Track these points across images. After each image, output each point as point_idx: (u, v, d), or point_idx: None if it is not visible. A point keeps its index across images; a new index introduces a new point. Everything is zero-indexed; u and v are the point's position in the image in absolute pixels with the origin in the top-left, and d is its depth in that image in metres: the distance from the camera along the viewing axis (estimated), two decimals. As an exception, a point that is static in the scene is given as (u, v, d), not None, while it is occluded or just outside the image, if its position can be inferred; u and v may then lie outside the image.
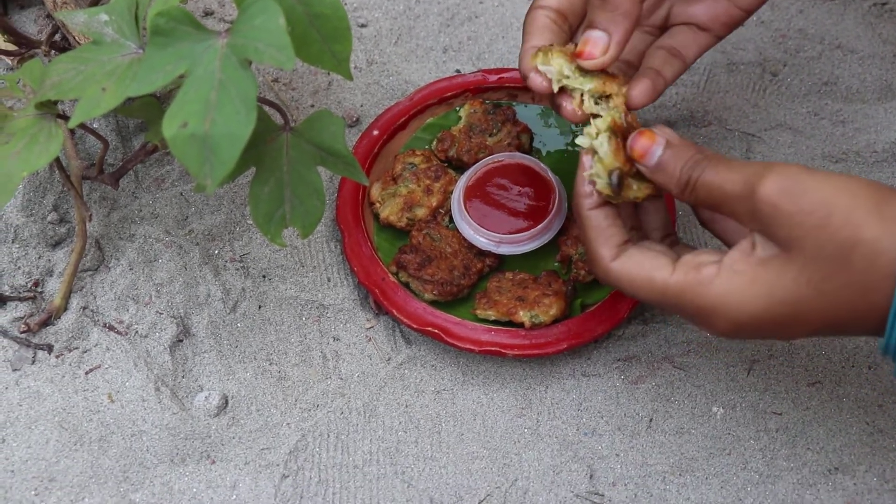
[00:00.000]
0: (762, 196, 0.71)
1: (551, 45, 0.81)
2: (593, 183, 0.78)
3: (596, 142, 0.78)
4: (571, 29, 0.85)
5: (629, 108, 0.81)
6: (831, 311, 0.70)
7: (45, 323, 0.92)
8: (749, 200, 0.71)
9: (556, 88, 0.80)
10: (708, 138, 1.02)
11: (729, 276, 0.72)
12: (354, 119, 1.03)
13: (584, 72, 0.80)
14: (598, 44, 0.80)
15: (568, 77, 0.80)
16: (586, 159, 0.79)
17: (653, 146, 0.77)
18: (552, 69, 0.80)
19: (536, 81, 0.81)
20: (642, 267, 0.76)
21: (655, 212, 0.83)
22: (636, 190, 0.78)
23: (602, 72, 0.81)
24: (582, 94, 0.81)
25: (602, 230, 0.78)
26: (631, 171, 0.78)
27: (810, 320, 0.71)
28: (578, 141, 0.79)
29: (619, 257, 0.77)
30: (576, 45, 0.81)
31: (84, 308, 0.93)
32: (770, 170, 0.71)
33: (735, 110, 1.04)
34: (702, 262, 0.74)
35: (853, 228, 0.69)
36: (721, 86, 1.06)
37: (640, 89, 0.82)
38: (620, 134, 0.78)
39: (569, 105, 0.81)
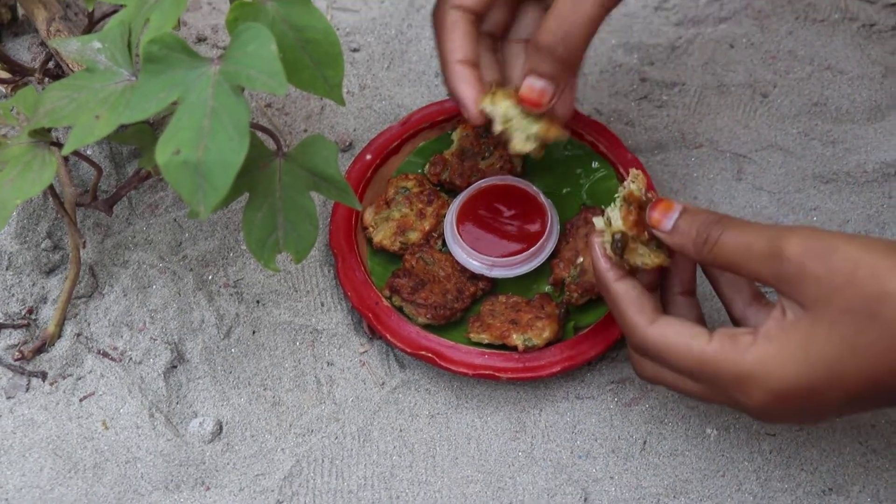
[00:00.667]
0: (789, 255, 0.71)
1: (492, 85, 0.87)
2: (605, 253, 0.81)
3: (612, 211, 0.81)
4: (481, 25, 0.88)
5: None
6: (867, 369, 0.70)
7: (39, 350, 0.92)
8: (774, 259, 0.72)
9: (498, 130, 0.87)
10: (699, 160, 1.03)
11: (764, 342, 0.72)
12: (347, 143, 1.04)
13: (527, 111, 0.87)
14: (545, 94, 0.85)
15: (511, 120, 0.86)
16: (597, 241, 0.82)
17: (670, 212, 0.79)
18: (498, 112, 0.86)
19: (478, 120, 0.87)
20: (681, 333, 0.76)
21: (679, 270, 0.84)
22: (643, 256, 0.80)
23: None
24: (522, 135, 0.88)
25: (634, 299, 0.79)
26: (639, 236, 0.80)
27: (847, 382, 0.71)
28: (596, 221, 0.83)
29: (656, 322, 0.77)
30: (517, 89, 0.86)
31: (78, 335, 0.93)
32: (792, 231, 0.72)
33: (726, 131, 1.05)
34: (738, 332, 0.74)
35: (879, 282, 0.69)
36: (712, 107, 1.06)
37: (565, 104, 0.88)
38: (636, 204, 0.80)
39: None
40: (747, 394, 0.73)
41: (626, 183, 0.83)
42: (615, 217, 0.80)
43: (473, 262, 0.93)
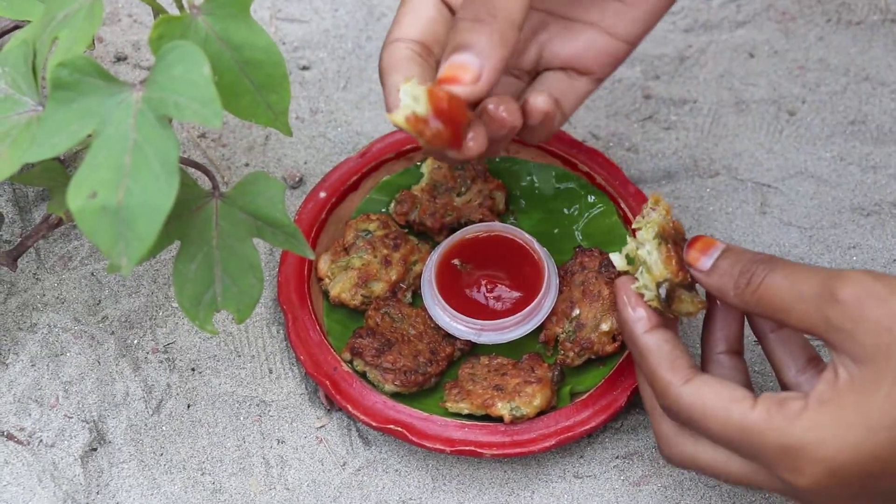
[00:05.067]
0: (843, 298, 0.73)
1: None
2: (640, 297, 0.83)
3: (643, 250, 0.83)
4: (437, 64, 0.83)
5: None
6: None
7: (-68, 433, 0.92)
8: (826, 303, 0.74)
9: (400, 117, 0.76)
10: (716, 191, 1.04)
11: (816, 408, 0.73)
12: (297, 179, 1.05)
13: None
14: (468, 68, 0.77)
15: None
16: (625, 285, 0.83)
17: (710, 250, 0.81)
18: (406, 94, 0.76)
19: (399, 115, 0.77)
20: (720, 396, 0.77)
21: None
22: (688, 303, 0.83)
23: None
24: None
25: (666, 353, 0.80)
26: (684, 281, 0.82)
27: None
28: (613, 259, 0.85)
29: (692, 381, 0.78)
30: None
31: (-22, 414, 0.94)
32: (849, 272, 0.74)
33: (746, 157, 1.06)
34: (787, 397, 0.75)
35: None
36: (730, 129, 1.08)
37: (511, 110, 0.81)
38: (670, 240, 0.82)
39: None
40: (797, 470, 0.73)
41: (645, 211, 0.84)
42: (654, 260, 0.82)
43: (459, 326, 0.94)
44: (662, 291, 0.82)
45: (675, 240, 0.83)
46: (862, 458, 0.72)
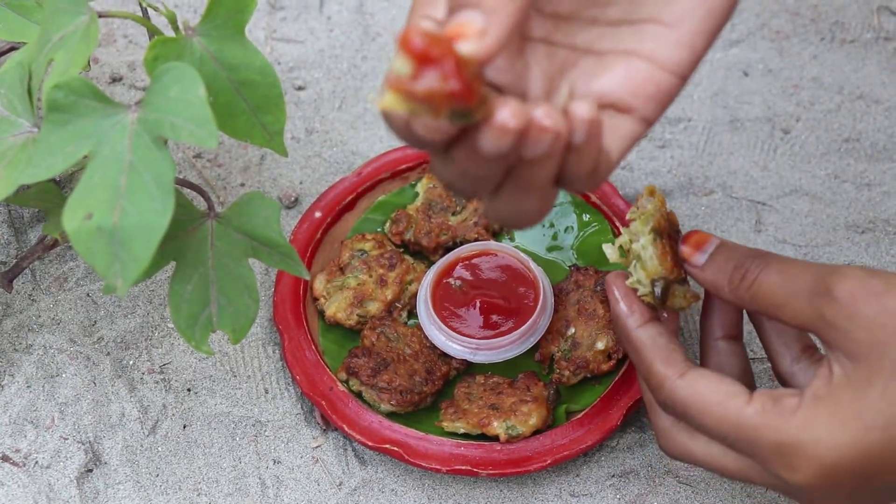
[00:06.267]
0: (838, 294, 0.73)
1: None
2: (633, 292, 0.83)
3: (637, 245, 0.83)
4: None
5: None
6: None
7: (-73, 454, 0.93)
8: (821, 300, 0.74)
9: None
10: (711, 209, 1.05)
11: (811, 405, 0.73)
12: (293, 199, 1.05)
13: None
14: (472, 24, 0.65)
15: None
16: (616, 281, 0.83)
17: (704, 245, 0.81)
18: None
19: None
20: (716, 389, 0.77)
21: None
22: (680, 298, 0.83)
23: None
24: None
25: (660, 347, 0.80)
26: (678, 277, 0.82)
27: None
28: (605, 250, 0.85)
29: (687, 375, 0.78)
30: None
31: (-27, 435, 0.94)
32: (844, 268, 0.74)
33: (741, 175, 1.07)
34: (782, 393, 0.75)
35: None
36: (724, 147, 1.08)
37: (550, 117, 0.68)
38: (665, 234, 0.83)
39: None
40: (792, 467, 0.73)
41: (640, 202, 0.84)
42: (649, 256, 0.82)
43: (454, 345, 0.94)
44: (658, 289, 0.82)
45: (669, 233, 0.83)
46: (856, 456, 0.72)
